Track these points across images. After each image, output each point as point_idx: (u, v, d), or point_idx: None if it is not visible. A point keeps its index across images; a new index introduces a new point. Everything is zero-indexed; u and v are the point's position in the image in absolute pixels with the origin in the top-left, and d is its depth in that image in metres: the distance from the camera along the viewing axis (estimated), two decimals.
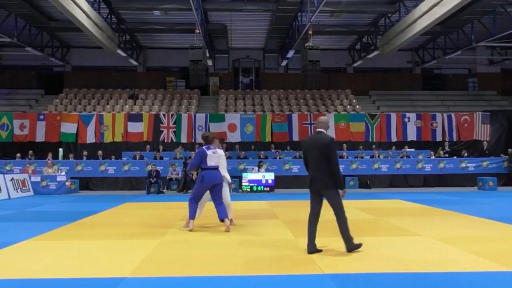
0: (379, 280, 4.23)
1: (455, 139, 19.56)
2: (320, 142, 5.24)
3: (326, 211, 5.42)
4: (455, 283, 4.13)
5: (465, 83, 26.13)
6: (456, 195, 13.39)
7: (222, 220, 7.10)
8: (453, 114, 19.83)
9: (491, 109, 20.95)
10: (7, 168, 15.65)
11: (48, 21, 20.06)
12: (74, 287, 4.09)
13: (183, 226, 7.25)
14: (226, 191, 7.42)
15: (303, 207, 10.29)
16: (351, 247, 5.28)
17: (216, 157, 7.11)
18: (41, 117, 18.79)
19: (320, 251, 5.28)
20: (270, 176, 15.36)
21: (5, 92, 23.56)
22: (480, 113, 19.84)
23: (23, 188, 14.06)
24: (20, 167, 15.58)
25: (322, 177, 5.22)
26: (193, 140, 19.06)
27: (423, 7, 15.37)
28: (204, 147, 7.12)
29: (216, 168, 7.07)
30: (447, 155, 17.86)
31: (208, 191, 7.14)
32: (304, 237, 6.31)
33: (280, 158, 17.25)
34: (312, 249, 5.24)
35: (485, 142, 18.82)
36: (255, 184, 15.17)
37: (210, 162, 6.98)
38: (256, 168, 15.98)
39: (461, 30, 20.63)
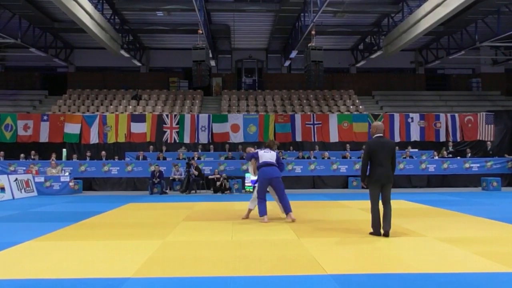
0: (382, 280, 4.21)
1: (458, 140, 19.49)
2: (388, 145, 6.45)
3: (336, 212, 5.40)
4: (459, 284, 4.11)
5: (469, 83, 26.03)
6: (460, 195, 13.35)
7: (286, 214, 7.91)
8: (456, 115, 19.76)
9: (495, 109, 20.86)
10: (11, 168, 15.72)
11: (51, 22, 20.13)
12: (78, 287, 4.09)
13: (242, 218, 8.13)
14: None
15: (306, 207, 10.31)
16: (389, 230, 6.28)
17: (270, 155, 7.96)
18: (45, 117, 18.85)
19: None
20: None
21: (9, 93, 23.66)
22: (484, 113, 19.76)
23: (27, 189, 14.11)
24: (24, 168, 15.64)
25: (388, 173, 6.33)
26: (196, 141, 19.08)
27: (426, 7, 15.32)
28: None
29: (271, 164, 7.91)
30: (450, 156, 17.80)
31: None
32: (307, 237, 6.32)
33: (283, 158, 17.21)
34: (379, 232, 6.32)
35: (489, 143, 18.74)
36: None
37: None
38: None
39: (464, 30, 20.56)
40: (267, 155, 7.92)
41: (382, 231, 6.31)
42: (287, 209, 7.89)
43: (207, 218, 7.91)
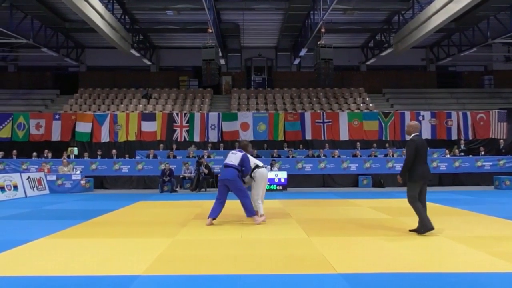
0: (393, 280, 4.19)
1: (470, 138, 19.25)
2: (426, 144, 6.79)
3: (347, 211, 5.38)
4: (471, 284, 4.07)
5: (481, 81, 25.71)
6: (472, 194, 13.19)
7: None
8: (468, 112, 19.51)
9: (508, 107, 20.54)
10: (24, 167, 15.93)
11: (63, 22, 20.34)
12: (89, 284, 4.13)
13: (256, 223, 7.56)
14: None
15: (316, 206, 10.28)
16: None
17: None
18: (57, 116, 19.06)
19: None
20: (283, 175, 15.33)
21: (21, 92, 23.98)
22: (496, 111, 19.48)
23: (39, 187, 14.28)
24: (36, 166, 15.83)
25: (429, 170, 6.69)
26: (205, 139, 19.13)
27: (437, 3, 15.16)
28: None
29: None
30: (462, 154, 17.59)
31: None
32: (317, 236, 6.31)
33: (293, 156, 17.20)
34: (431, 226, 6.36)
35: (501, 141, 18.47)
36: (268, 183, 15.08)
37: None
38: (269, 166, 15.95)
39: (476, 27, 20.30)
40: (232, 157, 7.74)
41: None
42: (247, 212, 7.53)
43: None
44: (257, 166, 7.90)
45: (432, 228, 6.32)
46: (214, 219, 7.49)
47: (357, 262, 4.87)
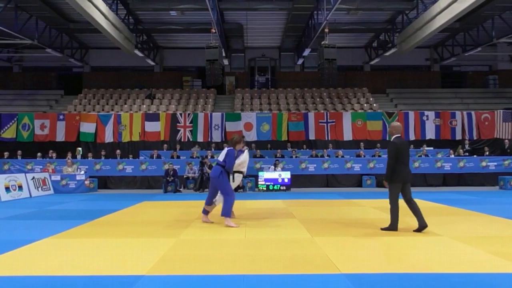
0: (397, 280, 4.17)
1: (475, 138, 19.17)
2: (408, 145, 6.95)
3: (350, 211, 5.37)
4: (475, 284, 4.05)
5: (485, 80, 25.58)
6: (477, 194, 13.13)
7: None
8: (473, 112, 19.44)
9: None
10: (29, 167, 16.01)
11: (67, 23, 20.41)
12: (93, 284, 4.15)
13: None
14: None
15: (319, 206, 10.27)
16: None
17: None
18: (61, 117, 19.15)
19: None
20: (286, 175, 15.32)
21: (26, 93, 24.09)
22: (501, 111, 19.39)
23: (44, 187, 14.34)
24: (41, 166, 15.91)
25: (410, 172, 6.82)
26: (209, 139, 19.16)
27: (441, 3, 15.10)
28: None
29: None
30: (467, 154, 17.52)
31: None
32: (321, 236, 6.30)
33: (296, 157, 17.20)
34: (425, 223, 6.54)
35: (506, 141, 18.37)
36: (271, 183, 15.15)
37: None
38: (272, 167, 15.96)
39: (481, 26, 20.20)
40: (221, 154, 7.79)
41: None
42: (222, 211, 7.41)
43: (220, 217, 7.92)
44: (239, 172, 7.81)
45: (395, 229, 6.61)
46: (207, 213, 7.72)
47: (361, 262, 4.86)
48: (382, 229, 6.75)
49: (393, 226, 6.65)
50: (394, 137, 6.70)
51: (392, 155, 6.55)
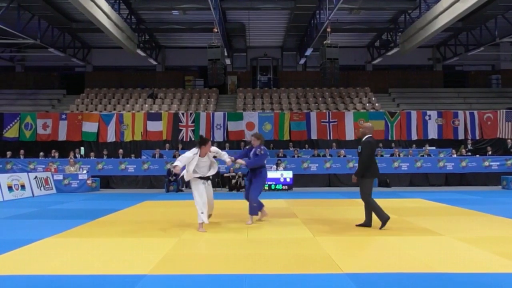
0: (399, 280, 4.17)
1: (477, 137, 19.10)
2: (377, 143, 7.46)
3: (352, 210, 5.36)
4: (477, 284, 4.04)
5: (488, 80, 25.50)
6: (479, 194, 13.11)
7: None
8: (475, 112, 19.36)
9: None
10: (31, 166, 16.04)
11: (69, 22, 20.43)
12: (95, 284, 4.15)
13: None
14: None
15: (321, 205, 10.26)
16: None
17: None
18: (63, 116, 19.16)
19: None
20: (288, 175, 15.32)
21: (28, 92, 24.13)
22: (504, 110, 19.32)
23: (46, 186, 14.38)
24: (43, 166, 15.94)
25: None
26: (211, 139, 19.12)
27: (444, 2, 15.05)
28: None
29: None
30: (469, 154, 17.48)
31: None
32: (323, 236, 6.30)
33: (298, 156, 17.18)
34: (387, 216, 6.83)
35: (509, 140, 18.31)
36: (274, 183, 15.15)
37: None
38: (275, 166, 15.95)
39: (484, 26, 20.13)
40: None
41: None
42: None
43: (222, 216, 7.93)
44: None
45: (388, 219, 6.80)
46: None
47: (363, 261, 4.86)
48: (357, 225, 7.11)
49: (382, 218, 6.80)
50: (366, 136, 7.03)
51: (368, 153, 6.91)
